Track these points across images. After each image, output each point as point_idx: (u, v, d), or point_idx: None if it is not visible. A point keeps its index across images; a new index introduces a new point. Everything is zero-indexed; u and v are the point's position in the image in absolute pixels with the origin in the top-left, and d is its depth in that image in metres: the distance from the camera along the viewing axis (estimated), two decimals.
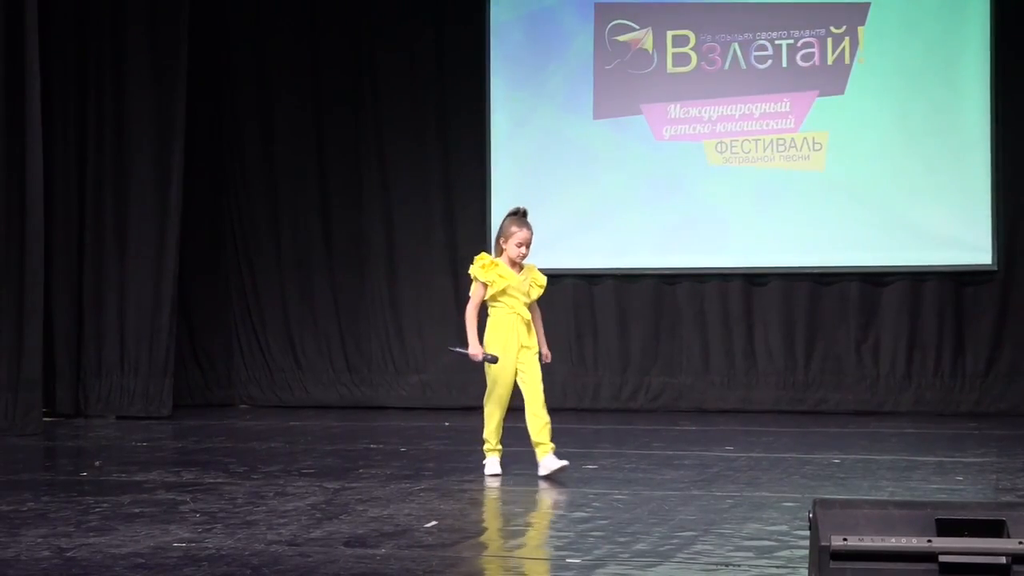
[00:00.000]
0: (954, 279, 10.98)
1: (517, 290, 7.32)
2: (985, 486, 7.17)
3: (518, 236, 7.31)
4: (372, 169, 12.17)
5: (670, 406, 11.42)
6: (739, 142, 11.36)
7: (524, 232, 7.33)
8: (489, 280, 7.30)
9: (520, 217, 7.39)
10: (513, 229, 7.33)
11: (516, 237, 7.31)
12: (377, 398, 12.06)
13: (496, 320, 7.37)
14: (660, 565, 4.91)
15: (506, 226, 7.37)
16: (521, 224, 7.35)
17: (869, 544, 3.66)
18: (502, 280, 7.28)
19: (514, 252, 7.32)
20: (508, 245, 7.33)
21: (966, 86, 10.86)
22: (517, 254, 7.32)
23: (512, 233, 7.32)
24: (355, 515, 5.98)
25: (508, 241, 7.33)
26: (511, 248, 7.32)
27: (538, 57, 11.81)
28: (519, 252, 7.32)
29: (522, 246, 7.32)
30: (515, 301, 7.32)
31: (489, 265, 7.31)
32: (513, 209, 7.45)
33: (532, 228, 7.37)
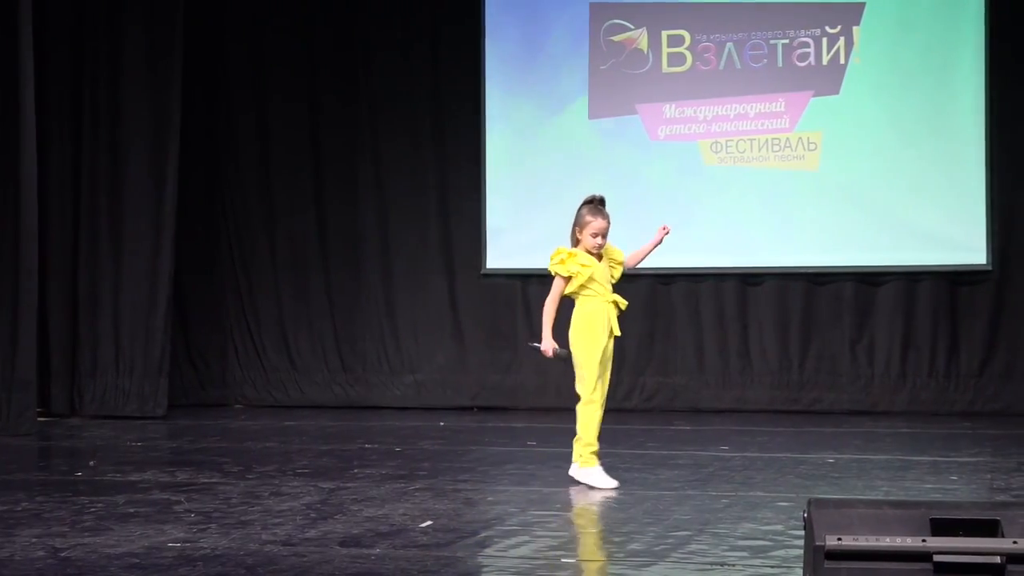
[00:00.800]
0: (949, 279, 10.99)
1: (602, 277, 7.03)
2: (979, 486, 7.18)
3: (594, 225, 6.97)
4: (367, 169, 12.17)
5: (665, 406, 11.43)
6: (734, 142, 11.36)
7: (600, 221, 6.98)
8: (572, 272, 6.96)
9: (596, 205, 7.03)
10: (588, 218, 6.99)
11: (592, 226, 6.97)
12: (372, 398, 12.06)
13: (585, 311, 7.02)
14: (655, 565, 4.92)
15: (582, 215, 7.03)
16: (596, 213, 7.00)
17: (864, 544, 3.67)
18: (585, 270, 6.95)
19: (590, 243, 6.99)
20: (584, 235, 7.00)
21: (961, 86, 10.87)
22: (593, 244, 6.99)
23: (587, 222, 6.98)
24: (350, 515, 5.98)
25: (584, 231, 7.00)
26: (587, 239, 6.99)
27: (533, 57, 11.81)
28: (595, 243, 6.99)
29: (598, 236, 6.99)
30: (601, 288, 7.02)
31: (568, 257, 6.98)
32: (588, 197, 7.09)
33: (609, 217, 7.01)
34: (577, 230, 7.03)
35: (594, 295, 7.01)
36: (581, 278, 6.94)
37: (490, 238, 11.84)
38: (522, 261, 11.75)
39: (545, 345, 7.03)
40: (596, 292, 7.01)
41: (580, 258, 6.97)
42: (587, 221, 6.97)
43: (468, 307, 11.99)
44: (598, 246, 7.00)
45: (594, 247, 6.99)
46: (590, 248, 6.99)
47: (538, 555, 5.12)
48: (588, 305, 7.01)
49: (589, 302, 7.01)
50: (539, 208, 11.74)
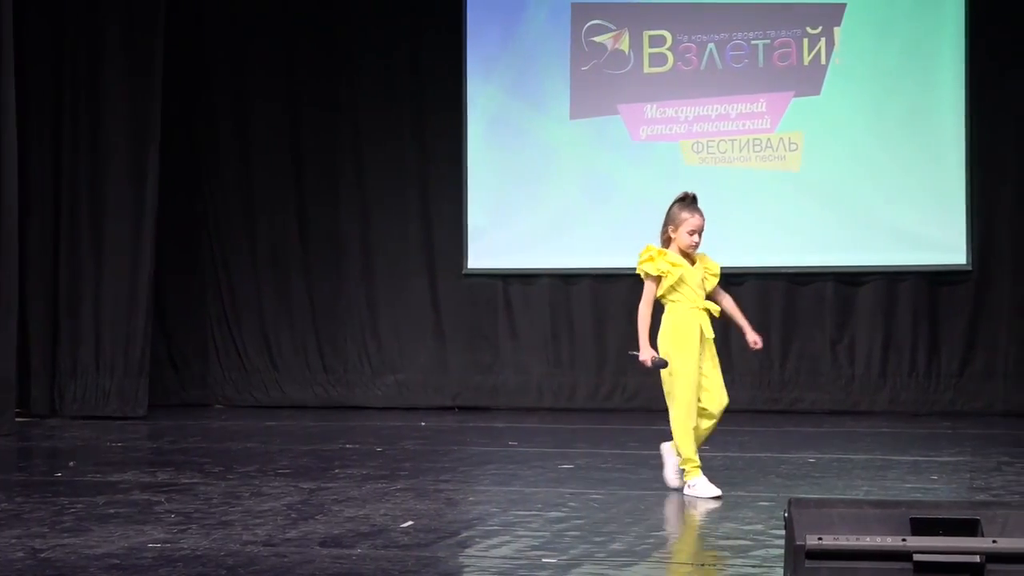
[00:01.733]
0: (929, 279, 11.02)
1: (693, 281, 6.61)
2: (959, 485, 7.20)
3: (690, 223, 6.57)
4: (348, 169, 12.15)
5: (647, 406, 11.39)
6: (715, 142, 11.38)
7: (697, 218, 6.59)
8: (662, 271, 6.55)
9: (690, 203, 6.64)
10: (684, 215, 6.59)
11: (688, 224, 6.57)
12: (353, 398, 12.04)
13: (674, 316, 6.60)
14: (636, 564, 4.92)
15: (674, 213, 6.63)
16: (692, 210, 6.61)
17: (844, 543, 3.67)
18: (676, 269, 6.55)
19: (686, 241, 6.58)
20: (679, 234, 6.60)
21: (941, 87, 10.90)
22: (689, 243, 6.58)
23: (683, 220, 6.58)
24: (331, 515, 5.98)
25: (678, 229, 6.59)
26: (682, 237, 6.58)
27: (515, 57, 11.81)
28: (691, 241, 6.59)
29: (694, 234, 6.59)
30: (692, 293, 6.59)
31: (657, 255, 6.59)
32: (681, 195, 6.69)
33: (704, 214, 6.65)
34: (670, 228, 6.64)
35: (683, 300, 6.60)
36: (672, 278, 6.56)
37: (471, 238, 11.84)
38: (504, 261, 11.76)
39: (644, 355, 6.58)
40: (686, 297, 6.60)
41: (671, 257, 6.59)
42: (683, 218, 6.58)
43: (449, 307, 11.99)
44: (694, 245, 6.61)
45: (690, 246, 6.60)
46: (685, 247, 6.60)
47: (519, 555, 5.12)
48: (677, 311, 6.60)
49: (678, 307, 6.60)
50: (520, 208, 11.75)
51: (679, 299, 6.59)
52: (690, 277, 6.59)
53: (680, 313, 6.58)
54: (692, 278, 6.60)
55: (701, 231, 6.61)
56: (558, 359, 11.73)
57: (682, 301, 6.59)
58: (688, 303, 6.58)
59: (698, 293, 6.61)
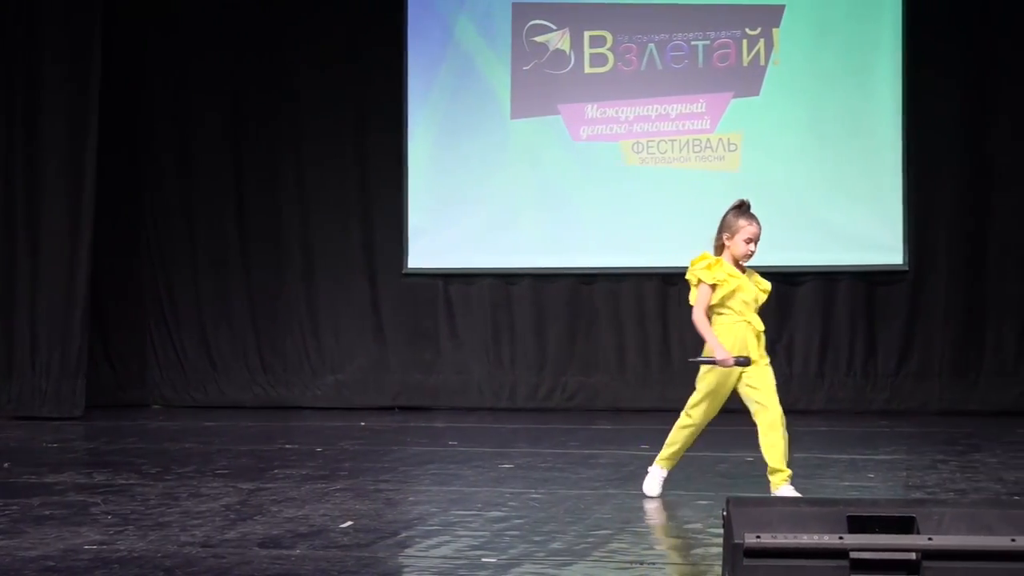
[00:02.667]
0: (866, 279, 11.11)
1: (747, 295, 6.36)
2: (896, 483, 7.26)
3: (747, 231, 6.33)
4: (288, 169, 12.09)
5: (586, 405, 11.46)
6: (655, 142, 11.42)
7: (754, 226, 6.34)
8: (718, 280, 6.30)
9: (746, 210, 6.42)
10: (741, 223, 6.34)
11: (745, 232, 6.32)
12: (292, 398, 11.99)
13: (722, 329, 6.34)
14: (575, 564, 4.93)
15: (730, 221, 6.39)
16: (749, 218, 6.37)
17: (782, 541, 3.70)
18: (732, 280, 6.32)
19: (742, 250, 6.32)
20: (734, 242, 6.33)
21: (878, 89, 10.99)
22: (745, 252, 6.33)
23: (740, 228, 6.33)
24: (270, 516, 5.94)
25: (734, 237, 6.33)
26: (738, 245, 6.32)
27: (456, 57, 11.79)
28: (747, 250, 6.33)
29: (751, 243, 6.33)
30: (744, 307, 6.35)
31: (715, 264, 6.34)
32: (737, 202, 6.49)
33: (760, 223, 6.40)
34: (725, 236, 6.38)
35: (732, 314, 6.35)
36: (727, 288, 6.31)
37: (412, 238, 11.81)
38: (444, 261, 11.75)
39: (721, 354, 6.26)
40: (736, 310, 6.34)
41: (727, 267, 6.34)
42: (740, 226, 6.34)
43: (390, 307, 11.96)
44: (750, 254, 6.36)
45: (746, 255, 6.35)
46: (740, 256, 6.35)
47: (459, 555, 5.11)
48: (725, 324, 6.34)
49: (726, 321, 6.35)
50: (461, 208, 11.73)
51: (728, 312, 6.35)
52: (744, 291, 6.36)
53: (728, 327, 6.34)
54: (746, 292, 6.37)
55: (758, 240, 6.37)
56: (498, 359, 11.73)
57: (731, 315, 6.34)
58: (737, 317, 6.34)
59: (750, 308, 6.38)
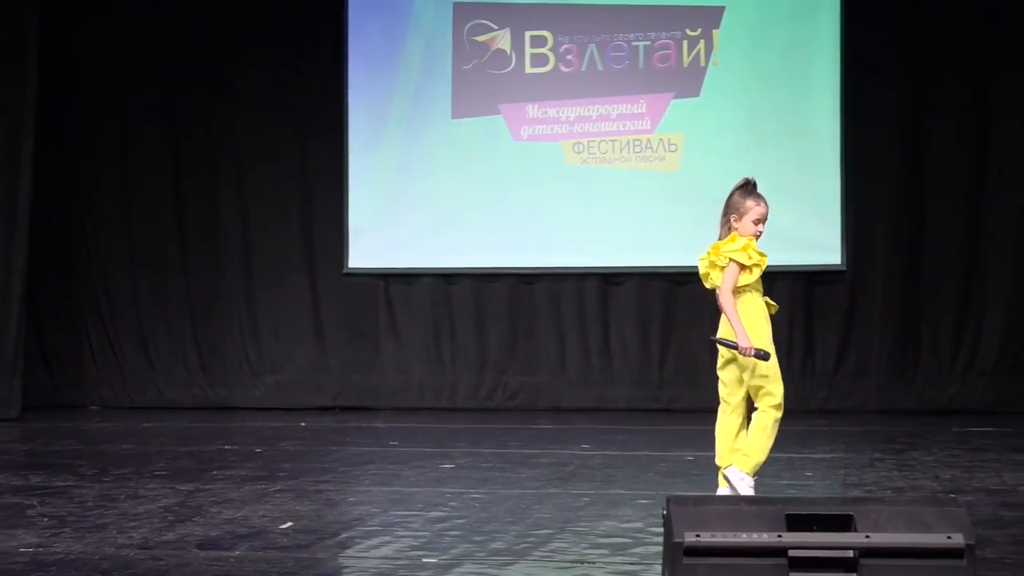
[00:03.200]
0: (805, 279, 11.19)
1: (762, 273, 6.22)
2: (833, 481, 7.32)
3: (755, 211, 6.14)
4: (228, 167, 12.02)
5: (527, 405, 11.47)
6: (596, 143, 11.44)
7: (762, 207, 6.17)
8: (755, 262, 6.12)
9: (751, 189, 6.22)
10: (749, 203, 6.16)
11: (753, 212, 6.14)
12: (232, 398, 11.92)
13: (753, 309, 6.20)
14: (516, 563, 4.93)
15: (736, 201, 6.21)
16: (757, 198, 6.18)
17: (721, 540, 3.71)
18: (764, 260, 6.12)
19: (750, 230, 6.13)
20: (743, 223, 6.14)
21: (817, 90, 11.07)
22: (753, 233, 6.13)
23: (748, 209, 6.15)
24: (209, 517, 5.91)
25: (743, 218, 6.14)
26: (746, 226, 6.13)
27: (397, 56, 11.77)
28: (755, 231, 6.14)
29: (759, 223, 6.16)
30: (760, 286, 6.26)
31: (748, 244, 6.12)
32: (742, 181, 6.29)
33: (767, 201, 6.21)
34: (733, 218, 6.21)
35: (757, 291, 6.24)
36: (761, 269, 6.13)
37: (352, 238, 11.78)
38: (384, 260, 11.73)
39: (746, 342, 6.11)
40: (759, 288, 6.25)
41: (757, 248, 6.15)
42: (748, 207, 6.16)
43: (330, 307, 11.92)
44: (758, 235, 6.18)
45: (756, 234, 6.16)
46: (753, 235, 6.16)
47: (400, 555, 5.10)
48: (753, 303, 6.22)
49: (754, 299, 6.22)
50: (402, 208, 11.71)
51: (753, 293, 6.21)
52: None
53: (756, 306, 6.22)
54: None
55: (766, 220, 6.21)
56: (439, 359, 11.72)
57: (755, 294, 6.23)
58: (758, 294, 6.25)
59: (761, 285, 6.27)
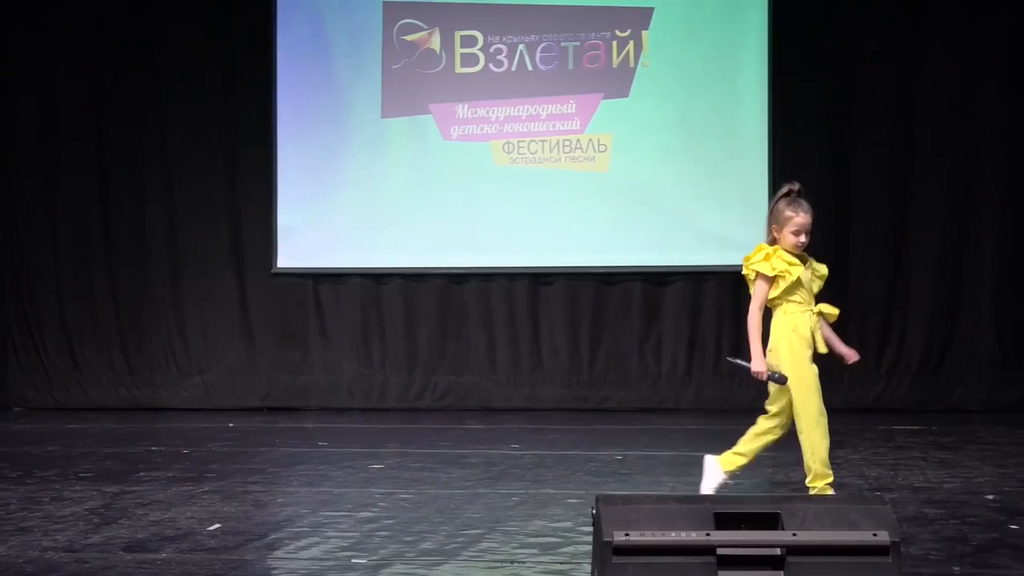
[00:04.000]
0: (733, 279, 11.22)
1: (808, 282, 6.04)
2: (761, 480, 7.37)
3: (796, 221, 5.95)
4: (155, 166, 11.90)
5: (457, 405, 11.46)
6: (526, 143, 11.46)
7: (802, 216, 5.95)
8: (780, 271, 5.95)
9: (794, 198, 6.00)
10: (788, 213, 5.96)
11: (793, 223, 5.95)
12: (159, 399, 11.82)
13: (789, 322, 6.02)
14: (446, 563, 4.93)
15: (778, 211, 5.99)
16: (797, 206, 5.96)
17: (650, 539, 3.73)
18: (794, 269, 5.95)
19: (790, 242, 5.97)
20: (784, 234, 5.98)
21: (744, 91, 11.15)
22: (794, 244, 5.97)
23: (788, 218, 5.96)
24: (135, 519, 5.86)
25: (784, 229, 5.98)
26: (786, 238, 5.97)
27: (325, 55, 11.72)
28: (796, 242, 5.97)
29: (800, 234, 5.96)
30: (807, 296, 6.03)
31: (772, 254, 5.99)
32: (785, 189, 6.06)
33: (810, 209, 6.01)
34: (774, 228, 6.03)
35: (800, 303, 6.03)
36: (789, 279, 5.97)
37: (281, 237, 11.71)
38: (314, 260, 11.68)
39: (757, 366, 6.00)
40: (803, 300, 6.03)
41: (786, 257, 6.00)
42: (787, 217, 5.97)
43: (258, 307, 11.84)
44: (800, 245, 6.00)
45: (795, 246, 5.99)
46: (790, 248, 6.00)
47: (329, 556, 5.08)
48: (791, 315, 6.02)
49: (793, 311, 6.02)
50: (331, 208, 11.67)
51: (793, 303, 6.02)
52: (805, 279, 6.05)
53: (795, 318, 6.02)
54: (807, 280, 6.06)
55: (808, 231, 6.00)
56: (368, 359, 11.68)
57: (795, 305, 6.02)
58: (803, 307, 6.03)
59: (811, 296, 6.08)
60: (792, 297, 6.02)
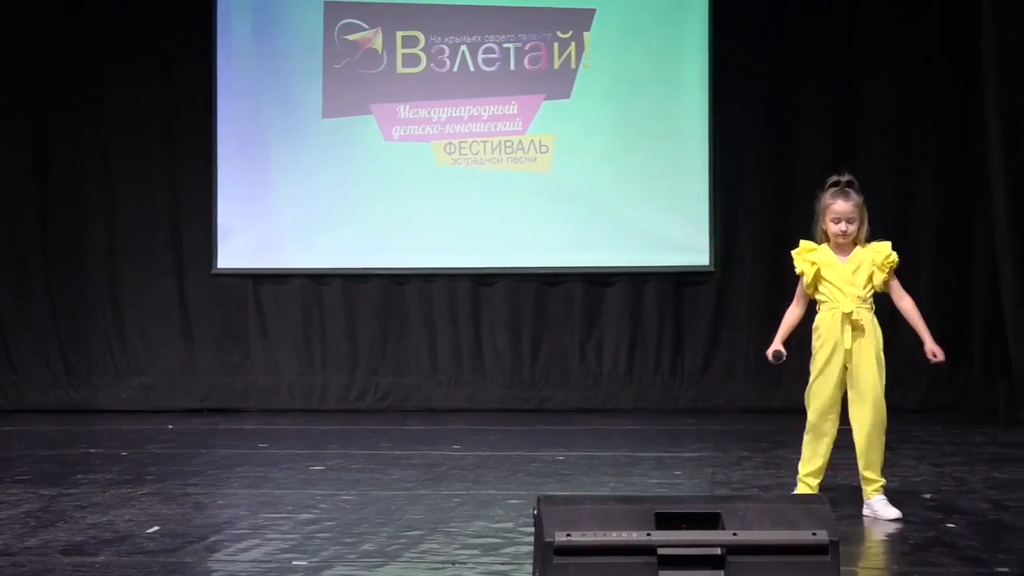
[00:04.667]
0: (674, 280, 11.32)
1: (839, 279, 5.95)
2: (702, 480, 7.41)
3: (831, 210, 5.93)
4: (94, 167, 11.79)
5: (398, 406, 11.44)
6: (467, 143, 11.46)
7: (840, 203, 5.90)
8: (799, 269, 6.02)
9: (837, 186, 5.96)
10: (827, 201, 5.95)
11: (830, 212, 5.94)
12: (97, 401, 11.71)
13: (818, 319, 6.02)
14: (387, 565, 4.92)
15: (821, 201, 6.00)
16: (836, 195, 5.93)
17: (591, 539, 3.74)
18: (810, 268, 5.96)
19: (831, 230, 5.95)
20: (826, 223, 5.97)
21: (685, 93, 11.21)
22: (836, 231, 5.93)
23: (826, 206, 5.96)
24: (73, 522, 5.80)
25: (825, 217, 5.97)
26: (829, 226, 5.96)
27: (266, 55, 11.66)
28: (837, 230, 5.92)
29: (840, 222, 5.91)
30: (837, 292, 5.93)
31: (803, 250, 6.03)
32: (832, 179, 6.01)
33: (857, 198, 5.93)
34: (821, 221, 6.03)
35: (825, 300, 5.99)
36: (806, 277, 6.00)
37: (221, 238, 11.64)
38: (253, 261, 11.61)
39: (770, 348, 6.09)
40: (828, 296, 5.98)
41: (816, 254, 6.00)
42: (826, 204, 5.96)
43: (198, 308, 11.76)
44: (840, 233, 5.92)
45: (837, 235, 5.93)
46: (834, 236, 5.96)
47: (269, 558, 5.05)
48: (820, 313, 6.03)
49: (821, 309, 6.02)
50: (271, 208, 11.61)
51: (822, 300, 6.01)
52: (834, 274, 5.96)
53: (820, 316, 6.02)
54: (837, 275, 5.96)
55: (849, 219, 5.92)
56: (309, 360, 11.64)
57: (824, 301, 6.01)
58: (829, 304, 5.98)
59: (847, 293, 5.93)
60: (819, 295, 6.02)
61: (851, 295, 5.93)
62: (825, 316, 5.98)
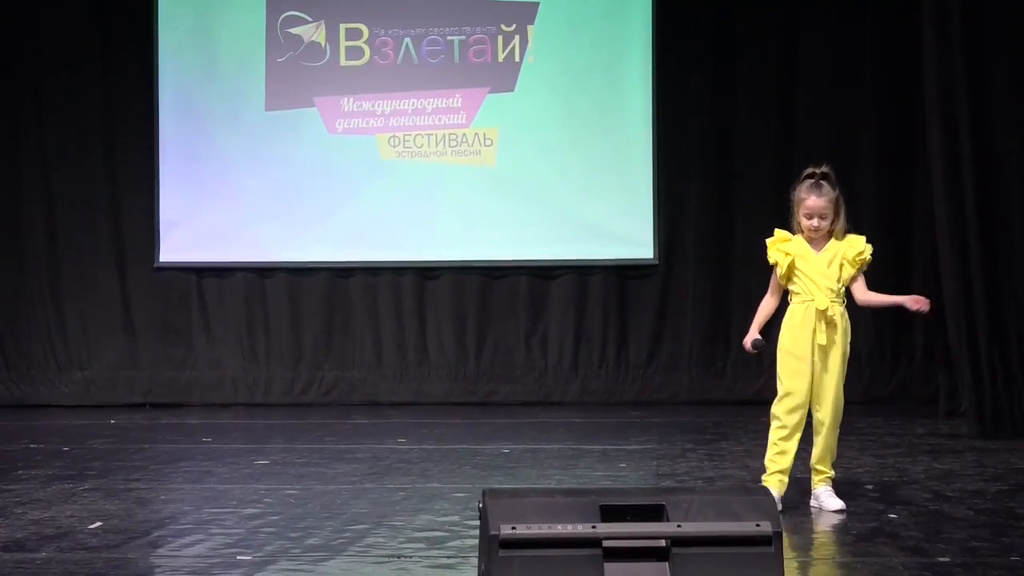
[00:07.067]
0: (618, 273, 11.35)
1: (814, 271, 5.88)
2: (647, 472, 7.45)
3: (803, 205, 5.90)
4: (32, 158, 11.66)
5: (343, 400, 11.40)
6: (412, 136, 11.44)
7: (812, 199, 5.87)
8: (772, 259, 5.93)
9: (810, 179, 5.92)
10: (801, 195, 5.91)
11: (802, 206, 5.90)
12: (38, 396, 11.59)
13: (789, 312, 5.96)
14: (332, 559, 4.91)
15: (795, 193, 5.96)
16: (811, 189, 5.88)
17: (536, 532, 3.75)
18: (783, 259, 5.87)
19: (803, 224, 5.91)
20: (799, 217, 5.92)
21: (629, 87, 11.24)
22: (807, 226, 5.89)
23: (798, 201, 5.92)
24: (13, 518, 5.75)
25: (797, 211, 5.92)
26: (801, 221, 5.92)
27: (208, 47, 11.57)
28: (808, 225, 5.88)
29: (812, 217, 5.87)
30: (811, 285, 5.87)
31: (777, 240, 5.96)
32: (808, 171, 5.97)
33: (831, 192, 5.90)
34: (794, 211, 5.99)
35: (798, 292, 5.93)
36: (780, 268, 5.91)
37: (163, 231, 11.55)
38: (196, 255, 11.53)
39: (748, 337, 5.99)
40: (801, 290, 5.91)
41: (790, 244, 5.93)
42: (800, 198, 5.93)
43: (140, 302, 11.67)
44: (813, 229, 5.88)
45: (808, 230, 5.89)
46: (805, 231, 5.92)
47: (213, 553, 5.03)
48: (791, 305, 5.96)
49: (793, 302, 5.95)
50: (214, 201, 11.54)
51: (795, 291, 5.94)
52: (808, 266, 5.90)
53: (791, 309, 5.96)
54: (811, 267, 5.90)
55: (822, 215, 5.88)
56: (253, 354, 11.58)
57: (798, 295, 5.94)
58: (801, 297, 5.92)
59: (819, 286, 5.88)
60: (792, 286, 5.95)
61: (825, 288, 5.88)
62: (797, 310, 5.92)
